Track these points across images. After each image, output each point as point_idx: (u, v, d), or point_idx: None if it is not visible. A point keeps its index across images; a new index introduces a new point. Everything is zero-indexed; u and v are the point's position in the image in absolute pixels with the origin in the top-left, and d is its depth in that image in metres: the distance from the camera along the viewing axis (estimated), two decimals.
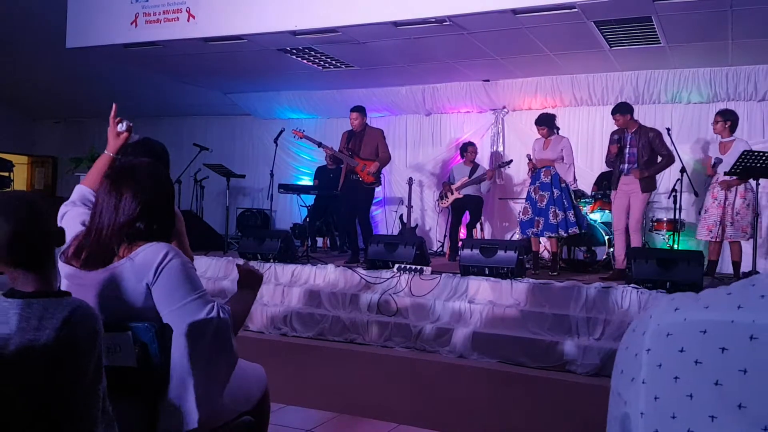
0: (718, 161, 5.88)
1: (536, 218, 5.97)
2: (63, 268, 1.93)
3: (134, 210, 1.85)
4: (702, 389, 0.64)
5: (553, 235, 5.98)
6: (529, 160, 6.13)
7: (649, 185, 5.71)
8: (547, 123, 6.11)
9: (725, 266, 6.47)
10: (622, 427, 0.71)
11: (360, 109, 6.66)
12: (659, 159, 5.68)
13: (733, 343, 0.64)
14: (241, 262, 2.38)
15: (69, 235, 1.89)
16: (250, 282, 2.21)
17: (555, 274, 5.93)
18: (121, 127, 2.43)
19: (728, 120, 5.90)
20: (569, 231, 5.93)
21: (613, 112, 5.79)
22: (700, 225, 5.97)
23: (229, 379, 1.97)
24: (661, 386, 0.67)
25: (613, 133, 5.88)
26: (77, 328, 1.44)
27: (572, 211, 5.97)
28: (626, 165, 5.73)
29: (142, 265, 1.82)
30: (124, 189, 1.87)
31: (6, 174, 8.09)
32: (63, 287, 1.90)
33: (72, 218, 2.11)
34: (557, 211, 5.92)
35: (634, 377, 0.71)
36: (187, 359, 1.82)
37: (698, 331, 0.67)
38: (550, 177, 5.98)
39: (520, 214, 6.18)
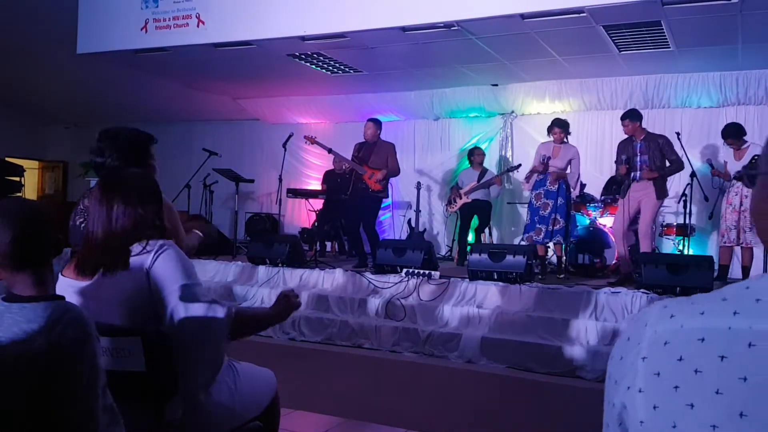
0: (720, 176, 5.91)
1: (538, 226, 5.97)
2: (62, 283, 1.95)
3: (137, 215, 1.94)
4: (703, 398, 0.63)
5: (552, 241, 5.99)
6: (544, 162, 6.02)
7: (662, 192, 5.69)
8: (563, 126, 6.11)
9: (735, 271, 6.42)
10: None
11: (375, 121, 6.74)
12: (668, 164, 5.67)
13: (732, 350, 0.63)
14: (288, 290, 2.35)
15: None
16: (283, 307, 2.21)
17: (561, 277, 5.92)
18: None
19: (741, 134, 5.91)
20: (563, 241, 5.96)
21: (623, 117, 5.77)
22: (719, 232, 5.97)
23: (212, 379, 1.97)
24: (660, 395, 0.66)
25: (620, 151, 5.85)
26: (66, 331, 1.46)
27: (564, 221, 6.00)
28: (638, 173, 5.71)
29: (140, 255, 1.89)
30: (131, 198, 1.94)
31: (17, 179, 8.13)
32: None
33: None
34: (558, 218, 5.92)
35: (629, 386, 0.70)
36: (182, 335, 1.86)
37: (696, 339, 0.66)
38: (557, 185, 5.96)
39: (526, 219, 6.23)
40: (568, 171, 6.06)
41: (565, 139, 6.15)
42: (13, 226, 1.52)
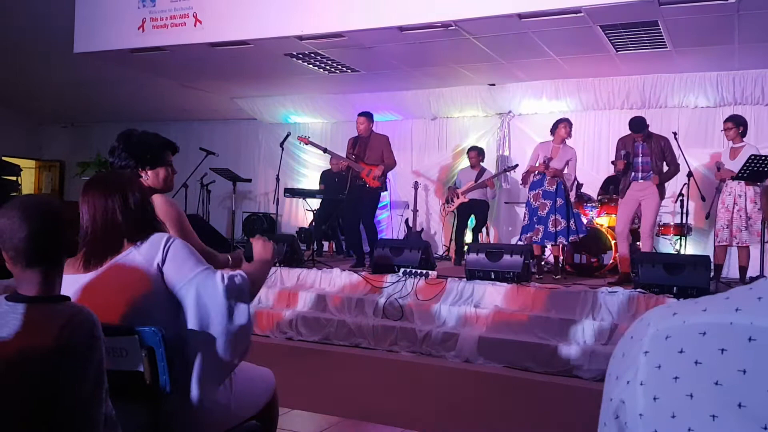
0: (721, 164, 5.92)
1: (536, 226, 5.95)
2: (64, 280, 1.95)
3: (138, 206, 1.97)
4: (702, 389, 0.64)
5: (553, 243, 5.97)
6: (545, 163, 5.98)
7: (663, 193, 5.79)
8: (570, 125, 6.12)
9: (732, 271, 6.44)
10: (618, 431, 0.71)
11: (367, 115, 6.70)
12: (666, 167, 5.72)
13: (732, 344, 0.65)
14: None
15: None
16: (265, 253, 2.26)
17: (558, 278, 5.92)
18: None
19: (740, 125, 5.91)
20: (570, 239, 5.93)
21: (638, 131, 5.71)
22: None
23: (247, 346, 2.01)
24: (660, 387, 0.67)
25: (619, 147, 5.88)
26: (75, 334, 1.43)
27: (573, 219, 5.98)
28: (640, 173, 5.73)
29: (149, 248, 1.90)
30: (120, 191, 1.97)
31: (13, 178, 8.11)
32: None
33: None
34: (559, 219, 5.90)
35: (629, 380, 0.71)
36: (203, 329, 1.88)
37: (697, 333, 0.67)
38: (555, 186, 5.95)
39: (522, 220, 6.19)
40: (565, 172, 6.07)
41: (567, 139, 6.14)
42: (31, 221, 1.49)
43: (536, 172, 6.05)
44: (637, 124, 5.74)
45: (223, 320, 1.91)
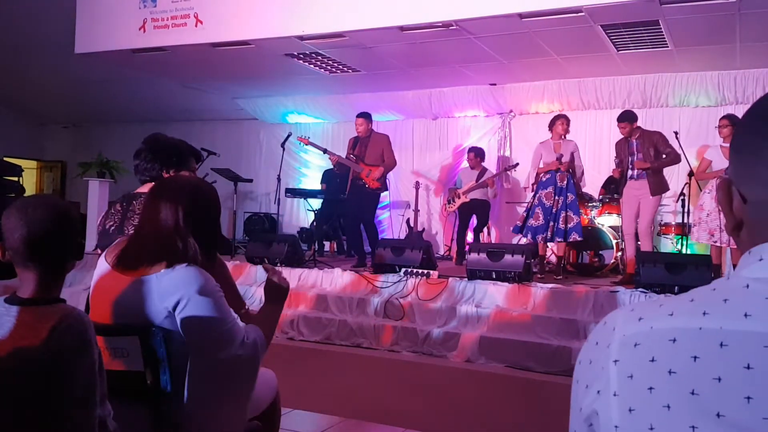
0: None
1: (551, 223, 5.92)
2: (101, 267, 1.93)
3: (176, 223, 1.82)
4: (679, 399, 0.63)
5: (561, 240, 5.95)
6: (558, 159, 5.94)
7: (658, 187, 5.69)
8: (567, 118, 6.11)
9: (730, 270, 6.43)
10: None
11: (365, 115, 6.69)
12: (664, 157, 5.72)
13: (704, 351, 0.63)
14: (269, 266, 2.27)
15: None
16: (276, 294, 2.14)
17: (560, 278, 5.90)
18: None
19: (736, 125, 5.89)
20: (580, 237, 5.91)
21: (620, 120, 5.78)
22: (700, 228, 5.87)
23: (247, 405, 1.97)
24: (635, 398, 0.65)
25: (617, 152, 5.91)
26: (65, 336, 1.42)
27: (578, 217, 5.96)
28: (635, 171, 5.74)
29: (167, 287, 1.76)
30: (172, 201, 1.85)
31: (15, 179, 8.11)
32: (92, 287, 1.91)
33: None
34: (571, 215, 5.88)
35: (600, 390, 0.69)
36: (207, 390, 1.82)
37: (667, 339, 0.66)
38: (566, 181, 5.94)
39: (530, 219, 6.05)
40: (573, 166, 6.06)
41: (565, 135, 6.14)
42: (29, 221, 1.48)
43: (554, 170, 5.96)
44: (620, 116, 5.80)
45: (232, 386, 1.87)
